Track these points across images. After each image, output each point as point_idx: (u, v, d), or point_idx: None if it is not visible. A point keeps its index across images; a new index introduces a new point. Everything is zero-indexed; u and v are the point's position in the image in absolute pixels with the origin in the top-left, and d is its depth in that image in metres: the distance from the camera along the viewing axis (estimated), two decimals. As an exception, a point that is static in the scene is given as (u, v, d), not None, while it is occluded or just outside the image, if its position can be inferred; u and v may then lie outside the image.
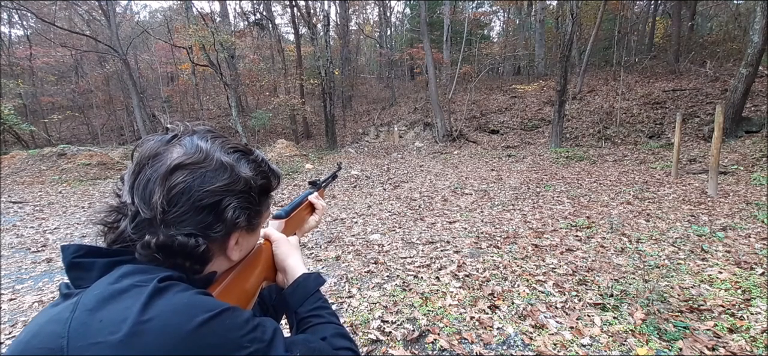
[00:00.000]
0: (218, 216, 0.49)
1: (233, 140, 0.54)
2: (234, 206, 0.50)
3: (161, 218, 0.45)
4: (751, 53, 7.64)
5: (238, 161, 0.51)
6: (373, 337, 2.01)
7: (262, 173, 0.55)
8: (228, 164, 0.49)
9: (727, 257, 2.87)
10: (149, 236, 0.45)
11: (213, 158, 0.48)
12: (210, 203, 0.47)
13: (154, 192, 0.45)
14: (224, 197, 0.48)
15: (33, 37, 18.37)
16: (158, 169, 0.46)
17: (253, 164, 0.54)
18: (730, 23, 15.01)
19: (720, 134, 4.85)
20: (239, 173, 0.50)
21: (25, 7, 14.88)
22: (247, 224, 0.54)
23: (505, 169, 8.31)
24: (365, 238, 3.93)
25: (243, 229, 0.53)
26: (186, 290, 0.43)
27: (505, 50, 19.20)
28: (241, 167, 0.51)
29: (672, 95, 11.14)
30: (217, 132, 0.54)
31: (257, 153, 0.57)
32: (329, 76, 13.56)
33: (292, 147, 11.78)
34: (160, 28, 20.71)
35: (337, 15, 18.26)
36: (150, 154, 0.47)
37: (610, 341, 1.89)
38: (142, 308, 0.38)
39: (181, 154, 0.47)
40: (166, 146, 0.48)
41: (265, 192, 0.57)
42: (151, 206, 0.45)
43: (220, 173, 0.48)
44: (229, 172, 0.49)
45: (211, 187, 0.47)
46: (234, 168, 0.50)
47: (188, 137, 0.50)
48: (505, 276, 2.74)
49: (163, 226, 0.45)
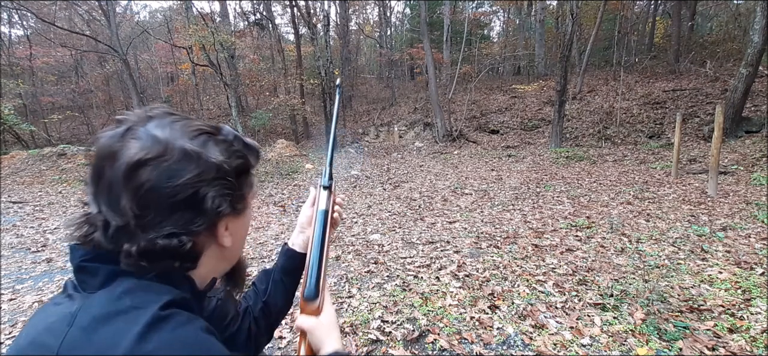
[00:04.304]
0: (197, 209, 0.45)
1: (197, 121, 0.49)
2: (211, 195, 0.45)
3: (136, 223, 0.41)
4: (751, 53, 7.63)
5: (204, 145, 0.46)
6: (373, 337, 2.01)
7: (235, 153, 0.50)
8: (193, 152, 0.44)
9: (727, 257, 2.87)
10: (128, 245, 0.42)
11: (174, 147, 0.43)
12: (184, 198, 0.43)
13: (121, 197, 0.41)
14: (198, 189, 0.44)
15: (33, 37, 18.37)
16: (117, 170, 0.41)
17: (224, 145, 0.48)
18: (730, 23, 15.01)
19: (720, 134, 4.85)
20: (208, 159, 0.45)
21: (25, 7, 14.88)
22: (231, 210, 0.49)
23: (505, 169, 8.31)
24: (365, 238, 3.93)
25: (229, 215, 0.49)
26: (189, 321, 0.42)
27: (505, 50, 19.21)
28: (209, 151, 0.46)
29: (672, 95, 11.13)
30: (179, 113, 0.48)
31: (226, 130, 0.51)
32: (329, 76, 13.56)
33: (292, 147, 11.78)
34: (160, 28, 20.70)
35: (337, 15, 18.26)
36: (106, 153, 0.42)
37: (610, 341, 1.89)
38: (139, 338, 0.36)
39: (138, 149, 0.41)
40: (120, 142, 0.42)
41: (243, 172, 0.52)
42: (120, 212, 0.41)
43: (186, 164, 0.43)
44: (196, 160, 0.44)
45: (179, 181, 0.42)
46: (201, 155, 0.45)
47: (143, 127, 0.44)
48: (505, 275, 2.73)
49: (140, 231, 0.42)
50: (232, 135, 0.51)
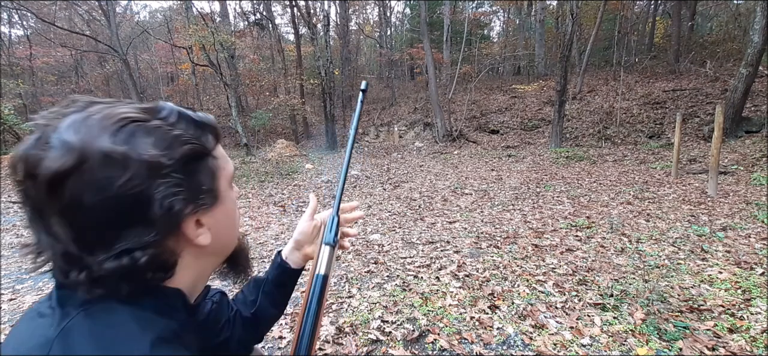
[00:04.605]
0: (141, 219, 0.38)
1: (122, 106, 0.39)
2: (158, 198, 0.37)
3: (76, 247, 0.36)
4: (751, 53, 7.63)
5: (130, 139, 0.37)
6: (373, 337, 2.01)
7: (178, 138, 0.40)
8: (116, 154, 0.35)
9: (727, 257, 2.87)
10: (75, 274, 0.37)
11: (92, 151, 0.35)
12: (121, 211, 0.36)
13: (51, 222, 0.36)
14: (136, 195, 0.36)
15: (33, 37, 18.37)
16: (39, 189, 0.35)
17: (159, 133, 0.39)
18: (730, 23, 15.01)
19: (720, 134, 4.85)
20: (139, 157, 0.36)
21: (25, 7, 14.87)
22: (194, 207, 0.41)
23: (505, 169, 8.31)
24: (365, 238, 3.93)
25: (194, 212, 0.42)
26: None
27: (505, 50, 19.22)
28: (137, 146, 0.37)
29: (672, 95, 11.13)
30: (102, 101, 0.40)
31: (165, 111, 0.41)
32: (329, 76, 13.55)
33: (292, 147, 11.79)
34: (160, 28, 20.70)
35: (337, 15, 18.24)
36: (25, 170, 0.36)
37: (610, 341, 1.89)
38: None
39: (52, 160, 0.34)
40: (35, 152, 0.35)
41: (196, 159, 0.42)
42: (56, 237, 0.36)
43: (110, 170, 0.35)
44: (122, 163, 0.35)
45: (108, 192, 0.35)
46: (126, 155, 0.36)
47: (55, 131, 0.36)
48: (505, 276, 2.73)
49: (85, 255, 0.37)
50: (174, 115, 0.42)
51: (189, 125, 0.43)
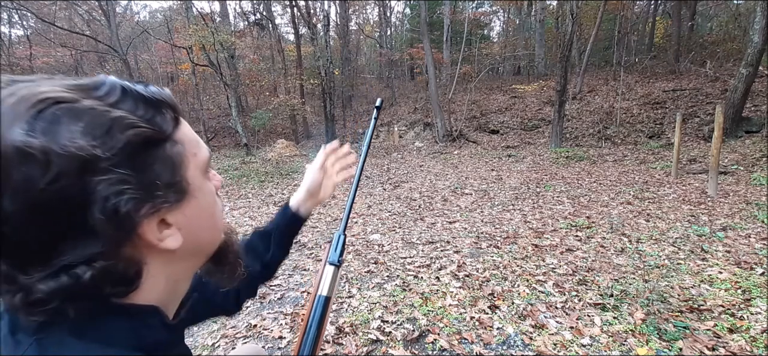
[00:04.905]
0: (79, 228, 0.30)
1: (45, 83, 0.31)
2: (97, 201, 0.29)
3: (8, 265, 0.30)
4: (751, 53, 7.63)
5: (52, 128, 0.28)
6: (373, 337, 2.01)
7: (119, 124, 0.31)
8: (33, 149, 0.27)
9: (727, 257, 2.87)
10: (9, 296, 0.31)
11: (6, 147, 0.27)
12: (49, 219, 0.29)
13: None
14: (67, 199, 0.29)
15: (33, 37, 18.36)
16: None
17: (92, 117, 0.30)
18: (730, 23, 15.00)
19: (720, 134, 4.85)
20: (66, 150, 0.28)
21: (25, 7, 14.86)
22: (152, 207, 0.33)
23: (505, 169, 8.31)
24: (365, 238, 3.93)
25: (156, 212, 0.34)
26: None
27: (505, 50, 19.22)
28: (62, 136, 0.28)
29: (672, 95, 11.13)
30: (23, 79, 0.31)
31: (104, 88, 0.33)
32: (329, 76, 13.56)
33: (292, 147, 11.79)
34: (160, 28, 20.69)
35: (337, 15, 18.25)
36: None
37: (610, 341, 1.89)
38: None
39: None
40: None
41: (148, 146, 0.33)
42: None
43: (28, 169, 0.27)
44: (43, 159, 0.27)
45: (29, 198, 0.28)
46: (48, 149, 0.27)
47: None
48: (505, 276, 2.73)
49: (18, 274, 0.30)
50: (117, 91, 0.33)
51: (137, 103, 0.33)
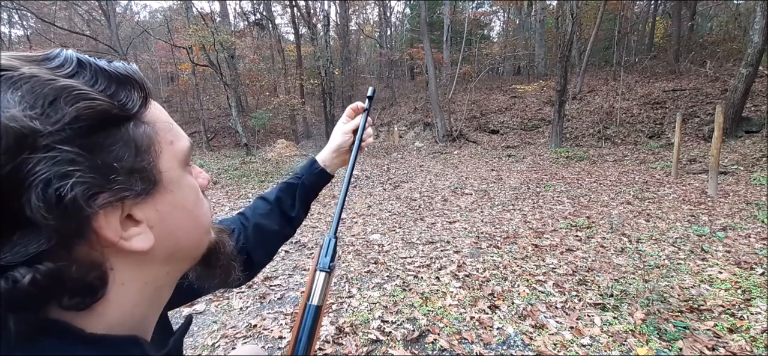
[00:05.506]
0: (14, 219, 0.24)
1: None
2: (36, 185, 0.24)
3: None
4: (751, 53, 7.63)
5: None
6: (373, 337, 2.01)
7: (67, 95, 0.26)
8: None
9: (727, 257, 2.87)
10: None
11: None
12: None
13: None
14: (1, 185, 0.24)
15: (33, 37, 18.38)
16: None
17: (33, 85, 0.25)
18: (730, 23, 15.01)
19: (720, 134, 4.85)
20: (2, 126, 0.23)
21: (25, 7, 14.86)
22: (111, 196, 0.28)
23: (505, 169, 8.31)
24: (365, 238, 3.93)
25: (113, 204, 0.28)
26: None
27: (505, 50, 19.23)
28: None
29: (672, 95, 11.14)
30: None
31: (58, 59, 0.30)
32: (329, 76, 13.57)
33: (292, 147, 11.79)
34: (160, 28, 20.69)
35: (337, 15, 18.25)
36: None
37: (610, 341, 1.89)
38: None
39: None
40: None
41: (106, 123, 0.28)
42: None
43: None
44: None
45: None
46: None
47: None
48: (505, 276, 2.73)
49: None
50: (73, 64, 0.29)
51: (96, 76, 0.29)
